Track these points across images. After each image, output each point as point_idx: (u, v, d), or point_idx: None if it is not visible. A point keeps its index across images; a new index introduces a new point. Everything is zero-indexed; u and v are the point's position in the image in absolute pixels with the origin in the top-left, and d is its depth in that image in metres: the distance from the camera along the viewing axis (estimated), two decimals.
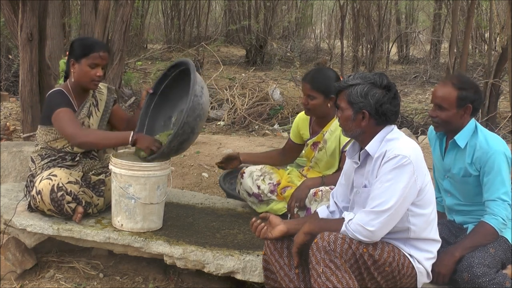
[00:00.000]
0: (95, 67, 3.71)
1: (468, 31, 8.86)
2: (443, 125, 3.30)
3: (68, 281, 3.73)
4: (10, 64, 10.03)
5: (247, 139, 7.75)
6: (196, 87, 3.45)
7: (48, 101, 3.77)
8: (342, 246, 2.70)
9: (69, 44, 3.86)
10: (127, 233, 3.54)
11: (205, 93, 3.57)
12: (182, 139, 3.50)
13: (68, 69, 3.80)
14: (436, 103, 3.27)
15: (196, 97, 3.45)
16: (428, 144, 7.41)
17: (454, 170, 3.33)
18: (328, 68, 5.35)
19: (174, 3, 17.00)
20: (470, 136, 3.26)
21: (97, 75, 3.72)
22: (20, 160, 4.82)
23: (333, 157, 3.88)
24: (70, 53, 3.78)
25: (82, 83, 3.76)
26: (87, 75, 3.72)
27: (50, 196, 3.53)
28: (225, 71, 12.14)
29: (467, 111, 3.24)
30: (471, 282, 3.00)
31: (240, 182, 4.14)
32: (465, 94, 3.21)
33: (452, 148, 3.34)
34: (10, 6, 5.62)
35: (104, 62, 3.75)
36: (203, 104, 3.52)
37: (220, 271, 3.34)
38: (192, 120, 3.45)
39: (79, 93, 3.81)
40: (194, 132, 3.53)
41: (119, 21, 5.99)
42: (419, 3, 17.41)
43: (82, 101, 3.85)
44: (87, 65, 3.70)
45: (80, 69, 3.72)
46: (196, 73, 3.54)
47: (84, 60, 3.70)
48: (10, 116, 8.32)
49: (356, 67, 12.25)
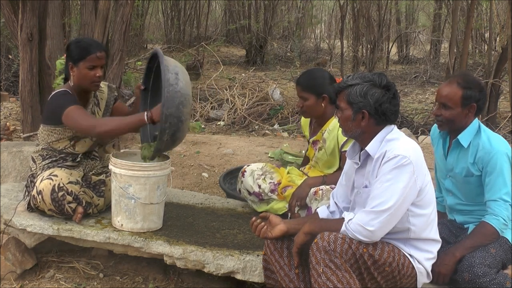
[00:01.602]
0: (94, 68, 3.69)
1: (468, 31, 8.87)
2: (447, 124, 3.30)
3: (68, 281, 3.74)
4: (10, 64, 10.04)
5: (247, 139, 7.75)
6: (168, 76, 3.32)
7: (55, 101, 3.73)
8: (342, 246, 2.70)
9: (66, 47, 3.84)
10: (127, 233, 3.54)
11: (182, 77, 3.41)
12: (172, 131, 3.37)
13: (67, 72, 3.79)
14: (441, 101, 3.27)
15: (172, 86, 3.32)
16: (428, 144, 7.42)
17: (456, 169, 3.33)
18: (318, 68, 5.37)
19: (174, 3, 17.00)
20: (474, 136, 3.26)
21: (97, 76, 3.70)
22: (20, 160, 4.82)
23: (333, 156, 3.89)
24: (68, 57, 3.76)
25: (83, 86, 3.75)
26: (87, 77, 3.70)
27: (51, 196, 3.53)
28: (225, 71, 12.15)
29: (471, 110, 3.24)
30: (471, 282, 2.99)
31: (241, 181, 4.14)
32: (470, 93, 3.21)
33: (455, 147, 3.34)
34: (10, 6, 5.63)
35: (102, 62, 3.73)
36: (182, 90, 3.37)
37: (220, 271, 3.34)
38: (174, 110, 3.32)
39: (81, 94, 3.80)
40: (181, 120, 3.39)
41: (119, 21, 6.00)
42: (419, 3, 17.41)
43: (85, 101, 3.84)
44: (85, 68, 3.68)
45: (79, 72, 3.70)
46: (167, 61, 3.40)
47: (82, 63, 3.68)
48: (10, 116, 8.32)
49: (356, 67, 12.25)
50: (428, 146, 7.01)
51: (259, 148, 7.05)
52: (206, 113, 9.55)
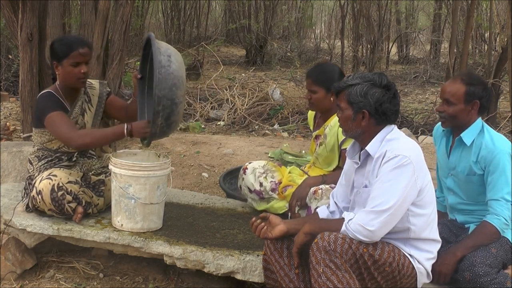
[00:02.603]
0: (78, 65, 3.67)
1: (468, 31, 8.88)
2: (450, 120, 3.31)
3: (68, 281, 3.74)
4: (10, 64, 10.03)
5: (247, 139, 7.75)
6: (160, 58, 3.33)
7: (39, 104, 3.75)
8: (342, 246, 2.70)
9: (49, 46, 3.82)
10: (127, 233, 3.54)
11: (175, 59, 3.42)
12: (166, 114, 3.38)
13: (53, 71, 3.78)
14: (445, 98, 3.30)
15: (164, 68, 3.32)
16: (428, 144, 7.42)
17: (458, 168, 3.34)
18: (330, 63, 5.38)
19: (174, 3, 16.99)
20: (477, 135, 3.27)
21: (82, 72, 3.68)
22: (20, 160, 4.82)
23: (332, 152, 3.89)
24: (52, 56, 3.75)
25: (69, 83, 3.74)
26: (72, 75, 3.68)
27: (50, 196, 3.53)
28: (225, 71, 12.15)
29: (474, 107, 3.26)
30: (472, 281, 3.00)
31: (242, 178, 4.14)
32: (473, 90, 3.23)
33: (458, 145, 3.35)
34: (10, 6, 5.62)
35: (86, 58, 3.71)
36: (175, 71, 3.38)
37: (220, 271, 3.34)
38: (167, 92, 3.33)
39: (69, 93, 3.79)
40: (175, 103, 3.39)
41: (119, 21, 6.00)
42: (419, 3, 17.42)
43: (73, 100, 3.82)
44: (69, 65, 3.66)
45: (64, 70, 3.69)
46: (158, 44, 3.41)
47: (65, 61, 3.66)
48: (10, 116, 8.32)
49: (356, 67, 12.25)
50: (428, 146, 7.02)
51: (259, 148, 7.05)
52: (206, 113, 9.55)
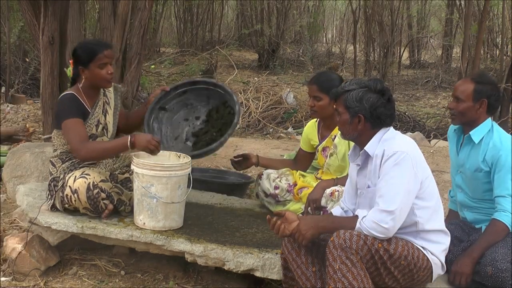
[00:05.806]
0: (104, 66, 3.82)
1: (481, 36, 8.89)
2: (459, 117, 3.43)
3: (90, 278, 3.81)
4: (27, 67, 10.14)
5: (262, 142, 7.82)
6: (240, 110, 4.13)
7: (59, 106, 3.88)
8: (357, 242, 2.80)
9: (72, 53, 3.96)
10: (149, 231, 3.61)
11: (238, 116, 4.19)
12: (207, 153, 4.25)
13: (77, 75, 3.90)
14: (455, 95, 3.44)
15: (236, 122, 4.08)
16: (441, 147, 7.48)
17: (467, 165, 3.45)
18: (332, 71, 5.48)
19: (187, 7, 17.12)
20: (486, 134, 3.38)
21: (109, 73, 3.84)
22: (42, 160, 4.93)
23: (344, 161, 3.97)
24: (77, 62, 3.87)
25: (97, 84, 3.89)
26: (100, 76, 3.83)
27: (86, 194, 3.63)
28: (238, 75, 12.22)
29: (482, 105, 3.37)
30: (494, 276, 3.09)
31: (259, 183, 4.25)
32: (481, 88, 3.36)
33: (467, 143, 3.46)
34: (31, 10, 5.72)
35: (111, 59, 3.87)
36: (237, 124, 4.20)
37: (240, 268, 3.41)
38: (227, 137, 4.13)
39: (90, 94, 3.92)
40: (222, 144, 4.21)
41: (137, 25, 6.07)
42: (431, 8, 17.42)
43: (94, 100, 3.95)
44: (96, 67, 3.81)
45: (91, 73, 3.82)
46: None
47: (92, 64, 3.80)
48: (28, 118, 8.44)
49: (368, 71, 12.28)
50: (441, 150, 7.06)
51: (275, 150, 7.12)
52: None
